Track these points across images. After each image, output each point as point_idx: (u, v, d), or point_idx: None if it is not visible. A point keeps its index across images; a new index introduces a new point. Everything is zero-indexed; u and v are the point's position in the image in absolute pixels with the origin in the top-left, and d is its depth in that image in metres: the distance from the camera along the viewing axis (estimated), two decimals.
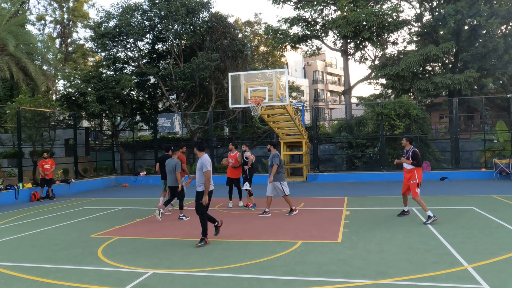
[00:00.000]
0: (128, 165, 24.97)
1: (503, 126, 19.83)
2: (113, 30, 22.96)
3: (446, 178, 17.61)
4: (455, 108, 19.26)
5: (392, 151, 19.96)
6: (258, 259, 6.26)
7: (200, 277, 5.53)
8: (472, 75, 21.19)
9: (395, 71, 22.34)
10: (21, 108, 17.24)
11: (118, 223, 9.93)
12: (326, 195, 14.15)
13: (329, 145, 23.74)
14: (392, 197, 12.92)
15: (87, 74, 22.06)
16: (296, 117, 16.52)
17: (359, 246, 6.80)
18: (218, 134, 26.40)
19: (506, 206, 10.44)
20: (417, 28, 26.01)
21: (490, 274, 5.17)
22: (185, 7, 22.98)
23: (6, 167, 20.46)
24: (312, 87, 57.90)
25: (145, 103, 26.71)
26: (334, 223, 8.91)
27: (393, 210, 10.40)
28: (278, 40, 26.17)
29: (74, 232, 8.96)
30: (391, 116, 19.35)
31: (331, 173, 19.80)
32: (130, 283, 5.35)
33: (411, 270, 5.46)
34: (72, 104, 21.90)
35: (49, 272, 5.96)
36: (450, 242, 6.86)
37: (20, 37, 19.07)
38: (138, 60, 25.00)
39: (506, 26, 23.85)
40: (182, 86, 22.48)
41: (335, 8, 24.80)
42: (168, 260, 6.40)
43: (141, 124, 27.28)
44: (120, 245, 7.56)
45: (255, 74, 15.30)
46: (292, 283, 5.18)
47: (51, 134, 20.36)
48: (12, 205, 14.46)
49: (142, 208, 12.30)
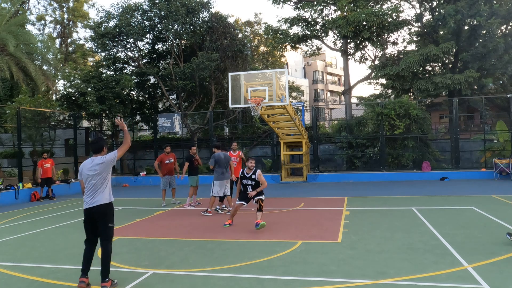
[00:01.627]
0: (128, 165, 24.98)
1: (503, 126, 19.84)
2: (113, 30, 22.96)
3: (446, 178, 17.61)
4: (455, 108, 19.26)
5: (392, 151, 19.97)
6: (258, 259, 6.25)
7: (200, 277, 5.52)
8: (472, 75, 21.19)
9: (395, 71, 22.34)
10: (21, 108, 17.24)
11: (118, 223, 9.90)
12: (326, 195, 14.15)
13: (329, 145, 23.75)
14: (392, 197, 12.93)
15: (87, 74, 22.06)
16: (296, 117, 16.51)
17: (359, 246, 6.80)
18: (218, 134, 26.40)
19: (506, 206, 10.44)
20: (417, 28, 26.01)
21: (490, 274, 5.17)
22: (185, 7, 22.98)
23: (6, 167, 20.46)
24: (312, 87, 57.89)
25: (145, 103, 26.72)
26: (334, 223, 8.91)
27: (393, 210, 10.39)
28: (278, 40, 26.18)
29: (74, 232, 8.95)
30: (391, 116, 19.35)
31: (331, 173, 19.80)
32: (130, 283, 5.34)
33: (411, 270, 5.46)
34: (72, 104, 21.90)
35: (49, 272, 5.95)
36: (450, 242, 6.86)
37: (20, 37, 19.07)
38: (138, 60, 25.00)
39: (506, 26, 23.86)
40: (182, 86, 22.49)
41: (335, 8, 24.81)
42: (168, 260, 6.39)
43: (141, 124, 27.29)
44: (120, 245, 7.55)
45: (255, 74, 15.30)
46: (292, 283, 5.17)
47: (51, 134, 20.37)
48: (12, 205, 14.46)
49: (142, 208, 12.30)
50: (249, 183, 8.42)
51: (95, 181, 5.17)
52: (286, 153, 19.67)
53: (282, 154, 19.38)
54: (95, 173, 5.18)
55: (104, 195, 5.18)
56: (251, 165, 8.46)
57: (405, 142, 19.78)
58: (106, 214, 5.18)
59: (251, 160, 8.58)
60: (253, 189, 8.37)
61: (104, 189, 5.21)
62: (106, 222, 5.17)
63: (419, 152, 19.94)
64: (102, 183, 5.20)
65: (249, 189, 8.41)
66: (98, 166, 5.19)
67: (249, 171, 8.44)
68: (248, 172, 8.44)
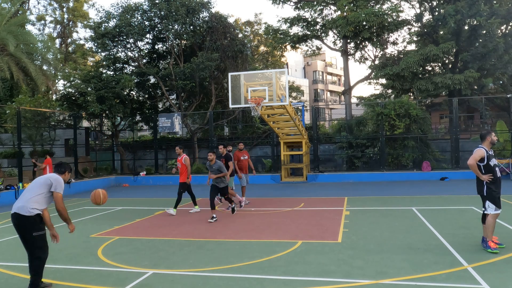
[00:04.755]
0: (128, 165, 24.98)
1: (503, 126, 19.84)
2: (113, 30, 22.96)
3: (446, 178, 17.61)
4: (455, 108, 19.26)
5: (392, 151, 19.97)
6: (258, 259, 6.25)
7: (200, 277, 5.52)
8: (472, 75, 21.18)
9: (395, 71, 22.33)
10: (21, 108, 17.24)
11: (118, 223, 9.92)
12: (326, 195, 14.15)
13: (329, 145, 23.75)
14: (392, 197, 12.93)
15: (87, 74, 22.06)
16: (296, 117, 16.51)
17: (359, 246, 6.80)
18: (218, 134, 26.41)
19: (506, 206, 10.43)
20: (417, 28, 26.00)
21: (490, 274, 5.17)
22: (185, 7, 22.98)
23: (6, 167, 20.46)
24: (312, 87, 57.88)
25: (145, 103, 26.71)
26: (334, 223, 8.91)
27: (393, 210, 10.39)
28: (278, 40, 26.17)
29: (74, 232, 8.94)
30: (391, 116, 19.35)
31: (331, 173, 19.80)
32: (130, 283, 5.35)
33: (411, 270, 5.46)
34: (72, 104, 21.90)
35: (49, 272, 5.95)
36: (450, 242, 6.86)
37: (20, 37, 19.10)
38: (138, 60, 25.00)
39: (506, 26, 23.84)
40: (182, 86, 22.49)
41: (335, 8, 24.80)
42: (168, 260, 6.40)
43: (141, 124, 27.29)
44: (120, 245, 7.55)
45: (255, 74, 15.29)
46: (292, 283, 5.17)
47: (51, 134, 20.37)
48: (12, 205, 14.41)
49: (142, 208, 12.30)
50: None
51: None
52: (286, 153, 19.66)
53: (282, 154, 19.38)
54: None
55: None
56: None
57: (405, 142, 19.78)
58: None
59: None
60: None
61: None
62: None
63: (419, 152, 19.94)
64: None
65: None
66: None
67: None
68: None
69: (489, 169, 6.42)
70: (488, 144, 6.50)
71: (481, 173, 6.47)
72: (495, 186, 6.35)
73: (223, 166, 9.97)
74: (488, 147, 6.50)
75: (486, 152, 6.42)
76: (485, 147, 6.47)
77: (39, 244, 5.02)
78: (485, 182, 6.42)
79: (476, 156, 6.45)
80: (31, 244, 5.02)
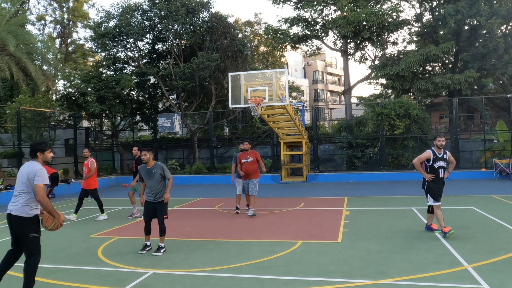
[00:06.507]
0: (128, 165, 24.96)
1: (503, 126, 19.82)
2: (113, 30, 22.96)
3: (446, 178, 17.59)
4: (455, 108, 19.26)
5: (392, 151, 19.97)
6: (258, 259, 6.25)
7: (200, 277, 5.52)
8: (472, 75, 21.19)
9: (395, 71, 22.34)
10: (21, 108, 17.25)
11: (118, 223, 9.92)
12: (326, 195, 14.15)
13: (329, 145, 23.74)
14: (392, 197, 12.93)
15: (87, 74, 22.06)
16: (296, 117, 16.52)
17: (359, 246, 6.80)
18: (218, 134, 26.41)
19: (506, 206, 10.44)
20: (417, 28, 26.02)
21: (490, 274, 5.17)
22: (185, 7, 22.98)
23: (6, 167, 20.46)
24: (312, 87, 57.87)
25: (145, 103, 26.71)
26: (334, 223, 8.91)
27: (393, 210, 10.39)
28: (278, 40, 26.18)
29: (74, 232, 8.96)
30: (391, 116, 19.35)
31: (331, 173, 19.80)
32: (130, 283, 5.35)
33: (411, 270, 5.46)
34: (72, 104, 21.89)
35: (49, 272, 5.95)
36: (450, 242, 6.86)
37: (20, 37, 19.10)
38: (138, 60, 25.00)
39: (506, 26, 23.86)
40: (182, 86, 22.49)
41: (335, 8, 24.82)
42: (168, 260, 6.40)
43: (141, 124, 27.28)
44: (120, 245, 7.55)
45: (255, 74, 15.30)
46: (292, 283, 5.17)
47: (51, 134, 20.36)
48: None
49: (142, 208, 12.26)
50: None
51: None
52: (286, 153, 19.67)
53: (282, 154, 19.38)
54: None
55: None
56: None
57: (405, 142, 19.78)
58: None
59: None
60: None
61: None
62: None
63: (419, 152, 19.88)
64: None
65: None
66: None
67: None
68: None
69: (433, 170, 7.31)
70: (436, 148, 7.27)
71: (426, 172, 7.35)
72: (435, 184, 7.32)
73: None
74: (437, 150, 7.26)
75: (433, 155, 7.23)
76: (435, 150, 7.24)
77: (32, 247, 4.87)
78: (426, 180, 7.36)
79: (421, 156, 7.32)
80: (26, 246, 4.85)
